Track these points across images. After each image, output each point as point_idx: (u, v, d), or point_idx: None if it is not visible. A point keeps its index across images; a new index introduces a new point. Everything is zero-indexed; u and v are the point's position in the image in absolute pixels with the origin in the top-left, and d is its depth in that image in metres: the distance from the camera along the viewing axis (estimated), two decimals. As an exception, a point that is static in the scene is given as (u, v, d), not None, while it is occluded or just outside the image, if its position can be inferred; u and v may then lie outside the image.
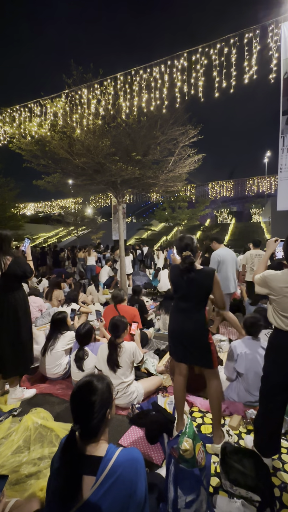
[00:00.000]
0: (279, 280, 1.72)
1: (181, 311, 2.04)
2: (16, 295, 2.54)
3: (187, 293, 1.98)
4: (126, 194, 6.94)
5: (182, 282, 1.97)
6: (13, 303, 2.50)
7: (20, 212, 17.19)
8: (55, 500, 0.93)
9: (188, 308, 1.99)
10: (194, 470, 1.34)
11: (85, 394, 1.00)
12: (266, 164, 29.12)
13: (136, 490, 0.92)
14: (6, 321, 2.47)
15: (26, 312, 2.61)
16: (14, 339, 2.50)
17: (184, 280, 1.95)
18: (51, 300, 5.42)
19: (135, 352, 2.46)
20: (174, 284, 2.08)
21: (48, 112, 5.07)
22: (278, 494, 1.63)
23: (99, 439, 0.99)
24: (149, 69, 4.35)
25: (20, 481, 1.69)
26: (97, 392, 1.00)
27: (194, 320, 1.96)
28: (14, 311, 2.50)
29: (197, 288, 1.95)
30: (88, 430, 0.97)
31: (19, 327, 2.52)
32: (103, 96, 4.75)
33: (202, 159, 6.30)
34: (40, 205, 33.77)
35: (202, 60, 3.91)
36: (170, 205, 15.39)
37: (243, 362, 2.41)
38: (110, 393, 1.06)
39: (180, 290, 2.02)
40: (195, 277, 1.93)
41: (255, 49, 3.61)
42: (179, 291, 2.03)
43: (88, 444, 0.97)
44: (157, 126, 5.21)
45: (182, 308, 2.03)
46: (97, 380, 1.04)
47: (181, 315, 2.03)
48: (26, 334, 2.59)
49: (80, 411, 0.98)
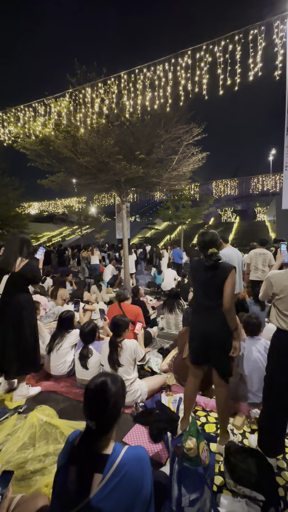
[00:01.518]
0: (283, 278, 1.72)
1: (204, 310, 1.96)
2: (21, 296, 2.56)
3: (209, 289, 1.91)
4: (129, 193, 6.95)
5: (204, 278, 1.92)
6: (19, 304, 2.53)
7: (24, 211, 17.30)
8: (61, 497, 0.94)
9: (210, 304, 1.92)
10: (198, 469, 1.34)
11: (100, 392, 1.00)
12: (271, 162, 28.86)
13: (142, 488, 0.93)
14: (11, 322, 2.49)
15: (31, 313, 2.63)
16: (19, 339, 2.52)
17: (208, 276, 1.90)
18: (55, 298, 5.46)
19: (136, 350, 2.46)
20: (195, 280, 2.01)
21: (52, 111, 5.09)
22: (282, 494, 1.62)
23: (109, 437, 1.00)
24: (153, 67, 4.34)
25: (26, 477, 1.71)
26: (112, 391, 1.01)
27: (217, 316, 1.89)
28: (19, 311, 2.52)
29: (216, 282, 1.88)
30: (101, 427, 0.97)
31: (24, 328, 2.54)
32: (106, 95, 4.75)
33: (206, 158, 6.27)
34: (44, 204, 33.92)
35: (207, 57, 3.89)
36: (174, 203, 15.32)
37: (246, 364, 2.40)
38: (124, 392, 1.08)
39: (201, 286, 1.96)
40: (217, 272, 1.88)
41: (260, 45, 3.58)
42: (200, 287, 1.98)
43: (97, 441, 0.98)
44: (161, 124, 5.20)
45: (205, 306, 1.95)
46: (112, 379, 1.05)
47: (205, 313, 1.95)
48: (31, 335, 2.60)
49: (95, 409, 0.99)
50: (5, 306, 2.50)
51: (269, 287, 1.80)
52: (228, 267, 1.88)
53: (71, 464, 0.96)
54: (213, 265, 1.87)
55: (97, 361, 2.72)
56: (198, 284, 2.01)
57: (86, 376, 2.69)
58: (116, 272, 8.40)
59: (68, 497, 0.92)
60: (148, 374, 2.91)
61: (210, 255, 1.88)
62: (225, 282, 1.85)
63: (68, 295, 5.53)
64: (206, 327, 1.92)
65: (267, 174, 26.30)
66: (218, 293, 1.88)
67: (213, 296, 1.90)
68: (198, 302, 2.03)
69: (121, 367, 2.38)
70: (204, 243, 1.95)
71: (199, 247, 2.00)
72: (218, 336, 1.88)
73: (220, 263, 1.89)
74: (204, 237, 1.98)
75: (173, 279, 7.04)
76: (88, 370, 2.68)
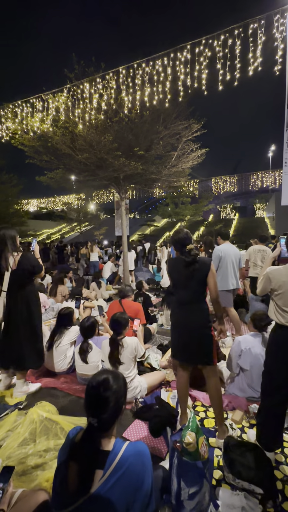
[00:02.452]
0: (282, 274, 1.73)
1: (183, 304, 2.03)
2: (28, 290, 2.59)
3: (189, 284, 1.98)
4: (128, 190, 6.92)
5: (184, 274, 1.98)
6: (26, 298, 2.55)
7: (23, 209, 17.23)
8: (61, 492, 0.95)
9: (190, 299, 1.99)
10: (197, 463, 1.35)
11: (102, 390, 1.00)
12: (270, 158, 28.74)
13: (143, 483, 0.94)
14: (20, 316, 2.52)
15: (38, 306, 2.68)
16: (29, 333, 2.56)
17: (188, 272, 1.95)
18: (55, 295, 5.46)
19: (137, 347, 2.47)
20: (175, 277, 2.07)
21: (50, 107, 5.04)
22: (280, 487, 1.64)
23: (111, 434, 1.01)
24: (152, 62, 4.28)
25: (27, 472, 1.73)
26: (114, 388, 1.02)
27: (198, 311, 1.96)
28: (27, 306, 2.55)
29: (198, 277, 1.95)
30: (103, 424, 0.98)
31: (33, 321, 2.58)
32: (105, 91, 4.70)
33: (205, 154, 6.24)
34: (43, 201, 33.78)
35: (206, 52, 3.84)
36: (173, 200, 15.31)
37: (248, 358, 2.41)
38: (125, 389, 1.09)
39: (182, 282, 2.02)
40: (196, 267, 1.95)
41: (260, 40, 3.53)
42: (180, 283, 2.03)
43: (98, 438, 0.99)
44: (160, 120, 5.16)
45: (184, 301, 2.02)
46: (114, 377, 1.06)
47: (183, 308, 2.03)
48: (39, 328, 2.66)
49: (97, 406, 0.99)
50: (13, 303, 2.52)
51: (267, 282, 1.80)
52: (208, 261, 1.96)
53: (72, 460, 0.97)
54: (193, 260, 1.93)
55: (97, 356, 2.73)
56: (179, 281, 2.06)
57: (86, 371, 2.71)
58: (115, 269, 8.40)
59: (68, 493, 0.92)
60: (148, 370, 2.92)
61: (188, 251, 1.95)
62: (207, 275, 1.94)
63: (67, 292, 5.54)
64: (185, 320, 2.00)
65: (266, 170, 26.23)
66: (200, 287, 1.97)
67: (195, 291, 1.98)
68: (179, 298, 2.06)
69: (122, 365, 2.39)
70: (180, 240, 2.03)
71: (176, 245, 2.07)
72: (199, 330, 1.96)
73: (200, 258, 1.97)
74: (179, 235, 2.06)
75: (172, 275, 7.03)
76: (88, 364, 2.69)
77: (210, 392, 2.03)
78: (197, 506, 1.35)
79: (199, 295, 1.99)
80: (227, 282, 3.70)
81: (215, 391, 1.99)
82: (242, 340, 2.52)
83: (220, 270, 3.74)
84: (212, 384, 1.99)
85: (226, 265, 3.72)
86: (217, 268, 3.74)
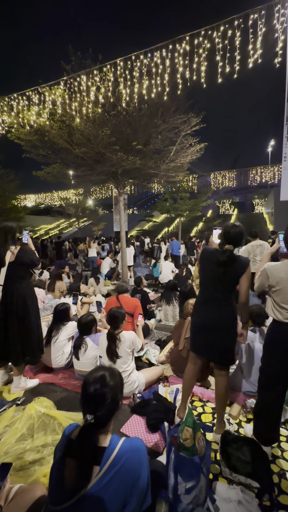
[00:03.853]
0: (279, 270, 1.71)
1: (210, 301, 1.94)
2: (24, 284, 2.58)
3: (220, 281, 1.88)
4: (127, 185, 6.87)
5: (215, 270, 1.88)
6: (22, 292, 2.54)
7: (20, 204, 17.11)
8: (58, 488, 0.95)
9: (220, 297, 1.90)
10: (194, 458, 1.36)
11: (99, 386, 1.00)
12: (269, 153, 28.57)
13: (139, 479, 0.94)
14: (16, 310, 2.50)
15: (34, 301, 2.65)
16: (25, 328, 2.54)
17: (219, 268, 1.86)
18: (53, 291, 5.45)
19: (134, 341, 2.48)
20: (206, 270, 1.97)
21: (46, 100, 4.95)
22: (276, 481, 1.65)
23: (107, 430, 1.00)
24: (150, 54, 4.21)
25: (24, 467, 1.73)
26: (111, 385, 1.01)
27: (225, 309, 1.88)
28: (23, 300, 2.54)
29: (232, 276, 1.86)
30: (99, 421, 0.97)
31: (29, 316, 2.56)
32: (102, 83, 4.62)
33: (204, 148, 6.18)
34: (41, 196, 33.52)
35: (205, 43, 3.77)
36: (172, 196, 15.21)
37: (246, 354, 2.42)
38: (122, 385, 1.08)
39: (212, 277, 1.92)
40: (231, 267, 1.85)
41: (260, 31, 3.47)
42: (210, 278, 1.93)
43: (95, 434, 0.98)
44: (159, 114, 5.09)
45: (211, 298, 1.93)
46: (110, 373, 1.05)
47: (210, 304, 1.93)
48: (35, 323, 2.63)
49: (93, 403, 0.98)
50: (9, 296, 2.50)
51: (265, 278, 1.79)
52: (245, 262, 1.85)
53: (68, 456, 0.97)
54: (229, 259, 1.81)
55: (94, 352, 2.73)
56: (209, 276, 1.95)
57: (84, 368, 2.71)
58: (113, 265, 8.38)
59: (65, 489, 0.92)
60: (146, 366, 2.93)
61: (224, 251, 1.82)
62: (242, 276, 1.84)
63: (65, 288, 5.52)
64: (211, 317, 1.91)
65: (265, 165, 26.10)
66: (230, 286, 1.88)
67: (224, 289, 1.89)
68: (206, 293, 1.98)
69: (120, 359, 2.39)
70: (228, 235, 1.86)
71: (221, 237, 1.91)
72: (224, 327, 1.89)
73: (238, 256, 1.86)
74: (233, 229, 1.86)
75: (170, 271, 7.05)
76: (80, 360, 2.70)
77: (219, 390, 1.99)
78: (194, 500, 1.35)
79: (229, 293, 1.90)
80: None
81: (225, 390, 1.97)
82: None
83: None
84: (222, 382, 1.97)
85: None
86: None
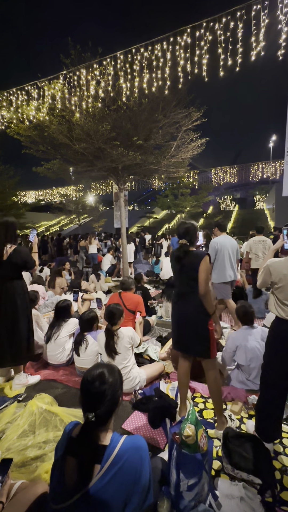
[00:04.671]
0: (282, 267, 1.69)
1: (179, 296, 2.05)
2: (15, 284, 2.50)
3: (183, 277, 2.00)
4: (127, 181, 6.81)
5: (178, 267, 2.02)
6: (12, 292, 2.47)
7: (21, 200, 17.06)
8: (59, 487, 0.94)
9: (185, 291, 1.99)
10: (196, 455, 1.35)
11: (98, 384, 0.99)
12: (271, 148, 28.32)
13: (141, 477, 0.93)
14: (4, 311, 2.45)
15: (24, 302, 2.56)
16: (13, 328, 2.48)
17: (182, 265, 1.99)
18: (54, 288, 5.44)
19: (133, 336, 2.48)
20: (173, 270, 2.14)
21: (46, 95, 4.89)
22: (278, 477, 1.65)
23: (108, 427, 1.00)
24: (151, 47, 4.13)
25: (26, 463, 1.74)
26: (110, 382, 1.00)
27: (192, 303, 1.94)
28: (12, 301, 2.47)
29: (189, 269, 1.95)
30: (100, 418, 0.96)
31: (18, 317, 2.49)
32: (102, 77, 4.55)
33: (205, 144, 6.12)
34: (41, 193, 33.41)
35: (207, 36, 3.70)
36: (173, 192, 15.17)
37: (243, 354, 2.40)
38: (121, 381, 1.08)
39: (177, 275, 2.07)
40: (188, 260, 1.95)
41: (263, 22, 3.39)
42: (176, 275, 2.09)
43: (96, 432, 0.98)
44: (159, 108, 5.02)
45: (180, 293, 2.04)
46: (109, 370, 1.04)
47: (180, 300, 2.05)
48: (24, 324, 2.55)
49: (93, 401, 0.97)
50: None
51: (267, 275, 1.77)
52: (201, 254, 1.93)
53: (69, 455, 0.96)
54: (184, 254, 1.95)
55: (94, 349, 2.72)
56: (174, 274, 2.12)
57: (84, 364, 2.71)
58: (114, 262, 8.37)
59: (66, 487, 0.91)
60: (147, 362, 2.93)
61: (180, 246, 1.98)
62: (198, 269, 1.90)
63: (66, 284, 5.51)
64: (180, 312, 2.02)
65: (267, 161, 25.90)
66: (192, 280, 1.94)
67: (187, 284, 1.97)
68: (175, 290, 2.12)
69: (119, 355, 2.39)
70: (178, 232, 2.05)
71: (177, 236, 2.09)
72: (194, 322, 1.94)
73: (192, 251, 1.96)
74: (179, 227, 2.05)
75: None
76: (81, 357, 2.70)
77: (209, 385, 2.03)
78: (196, 497, 1.35)
79: (192, 288, 1.95)
80: (224, 274, 3.67)
81: (214, 384, 1.99)
82: (235, 336, 2.50)
83: (217, 263, 3.70)
84: (211, 377, 1.99)
85: (223, 257, 3.68)
86: (214, 261, 3.71)
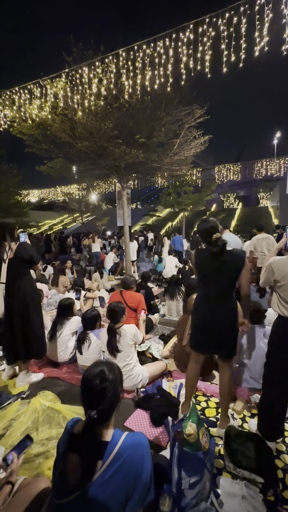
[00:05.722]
0: (285, 265, 1.68)
1: (211, 300, 1.91)
2: (25, 281, 2.57)
3: (218, 278, 1.85)
4: (130, 179, 6.81)
5: (212, 266, 1.86)
6: (22, 288, 2.53)
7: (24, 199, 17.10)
8: (61, 483, 0.95)
9: (219, 295, 1.87)
10: (198, 453, 1.35)
11: (99, 381, 0.99)
12: (275, 145, 28.04)
13: (142, 473, 0.94)
14: (17, 307, 2.51)
15: (34, 297, 2.64)
16: (27, 325, 2.55)
17: (215, 264, 1.84)
18: (57, 286, 5.47)
19: (135, 334, 2.48)
20: (202, 270, 1.94)
21: (48, 93, 4.88)
22: (281, 476, 1.65)
23: (109, 424, 1.00)
24: (153, 44, 4.10)
25: (29, 460, 1.75)
26: (110, 379, 1.01)
27: (226, 307, 1.87)
28: (23, 296, 2.53)
29: (229, 270, 1.83)
30: (101, 415, 0.97)
31: (29, 312, 2.56)
32: (104, 75, 4.53)
33: (208, 141, 6.07)
34: (44, 191, 33.49)
35: (210, 31, 3.65)
36: (176, 190, 15.05)
37: (249, 352, 2.39)
38: (121, 378, 1.08)
39: (210, 276, 1.89)
40: (226, 260, 1.82)
41: (267, 17, 3.34)
42: (208, 276, 1.91)
43: (98, 429, 0.98)
44: (162, 106, 4.99)
45: (212, 297, 1.90)
46: (109, 367, 1.04)
47: (212, 304, 1.91)
48: (37, 320, 2.63)
49: (94, 399, 0.98)
50: (10, 294, 2.51)
51: (270, 273, 1.75)
52: (242, 254, 1.84)
53: (71, 451, 0.97)
54: (222, 251, 1.81)
55: (97, 347, 2.73)
56: (206, 274, 1.92)
57: (87, 362, 2.72)
58: (117, 260, 8.38)
59: (68, 483, 0.92)
60: (149, 360, 2.93)
61: (215, 240, 1.81)
62: (242, 269, 1.82)
63: (69, 282, 5.54)
64: (213, 317, 1.89)
65: (271, 158, 25.61)
66: (230, 281, 1.85)
67: (224, 285, 1.86)
68: (206, 293, 1.95)
69: (121, 352, 2.39)
70: (207, 230, 1.88)
71: (202, 235, 1.93)
72: (227, 326, 1.88)
73: (231, 250, 1.85)
74: (207, 224, 1.91)
75: (174, 266, 7.02)
76: (84, 355, 2.72)
77: (223, 383, 2.00)
78: (197, 495, 1.36)
79: (229, 290, 1.85)
80: None
81: (228, 382, 1.98)
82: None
83: None
84: (226, 375, 1.98)
85: None
86: None
